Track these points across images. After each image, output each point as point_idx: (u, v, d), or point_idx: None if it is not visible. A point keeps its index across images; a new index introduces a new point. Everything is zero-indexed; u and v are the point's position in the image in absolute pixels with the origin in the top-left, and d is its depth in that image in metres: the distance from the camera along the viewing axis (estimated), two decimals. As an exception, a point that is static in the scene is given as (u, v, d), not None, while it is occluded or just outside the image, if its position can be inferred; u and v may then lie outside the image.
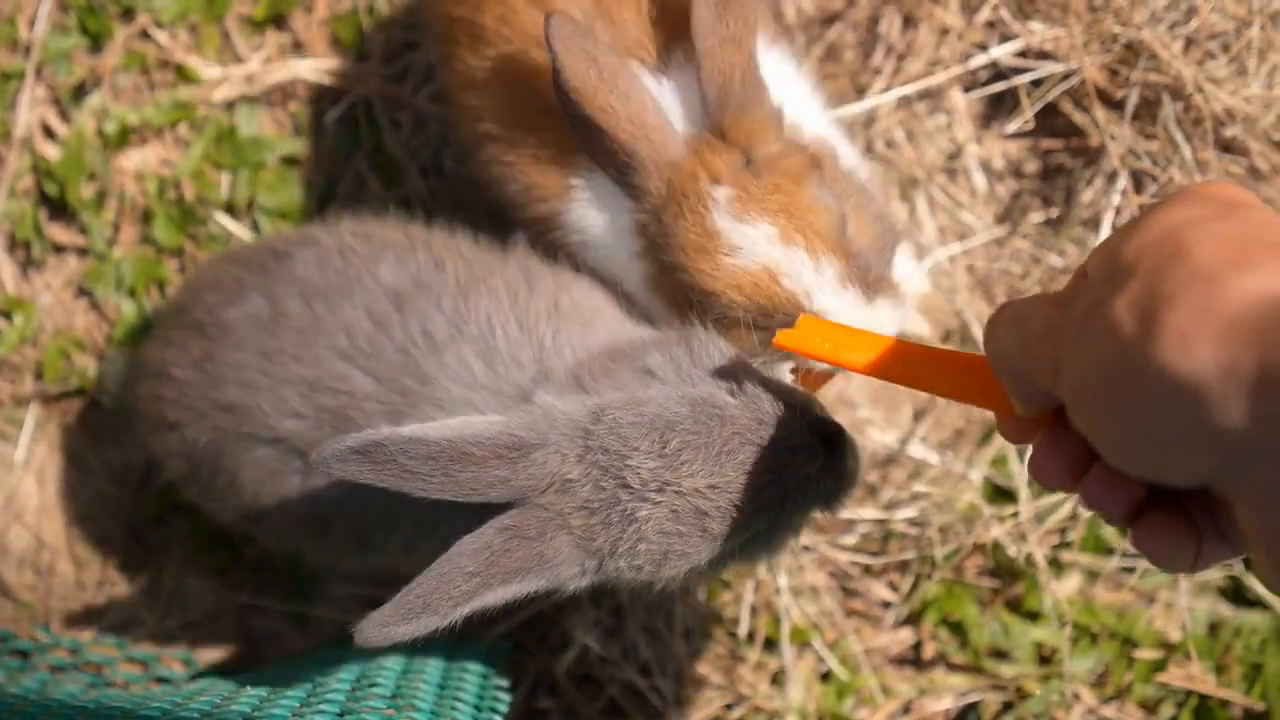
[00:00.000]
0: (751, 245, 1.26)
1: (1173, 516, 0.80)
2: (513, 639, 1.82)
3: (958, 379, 0.95)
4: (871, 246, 1.31)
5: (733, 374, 1.14)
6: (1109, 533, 1.77)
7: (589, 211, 1.40)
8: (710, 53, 1.25)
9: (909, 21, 1.82)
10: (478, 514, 1.18)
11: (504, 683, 1.60)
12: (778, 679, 1.80)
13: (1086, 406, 0.73)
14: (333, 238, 1.42)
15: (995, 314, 0.86)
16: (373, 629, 1.08)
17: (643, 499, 1.09)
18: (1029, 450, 0.89)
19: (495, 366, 1.28)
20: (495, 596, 1.10)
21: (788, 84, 1.40)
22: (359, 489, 1.32)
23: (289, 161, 1.85)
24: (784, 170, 1.28)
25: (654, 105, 1.28)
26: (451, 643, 1.72)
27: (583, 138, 1.30)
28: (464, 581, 1.07)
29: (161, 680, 1.76)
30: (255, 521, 1.45)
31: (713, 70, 1.26)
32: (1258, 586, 1.78)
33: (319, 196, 1.85)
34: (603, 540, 1.11)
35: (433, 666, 1.58)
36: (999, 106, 1.83)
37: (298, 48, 1.86)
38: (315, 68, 1.84)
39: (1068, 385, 0.75)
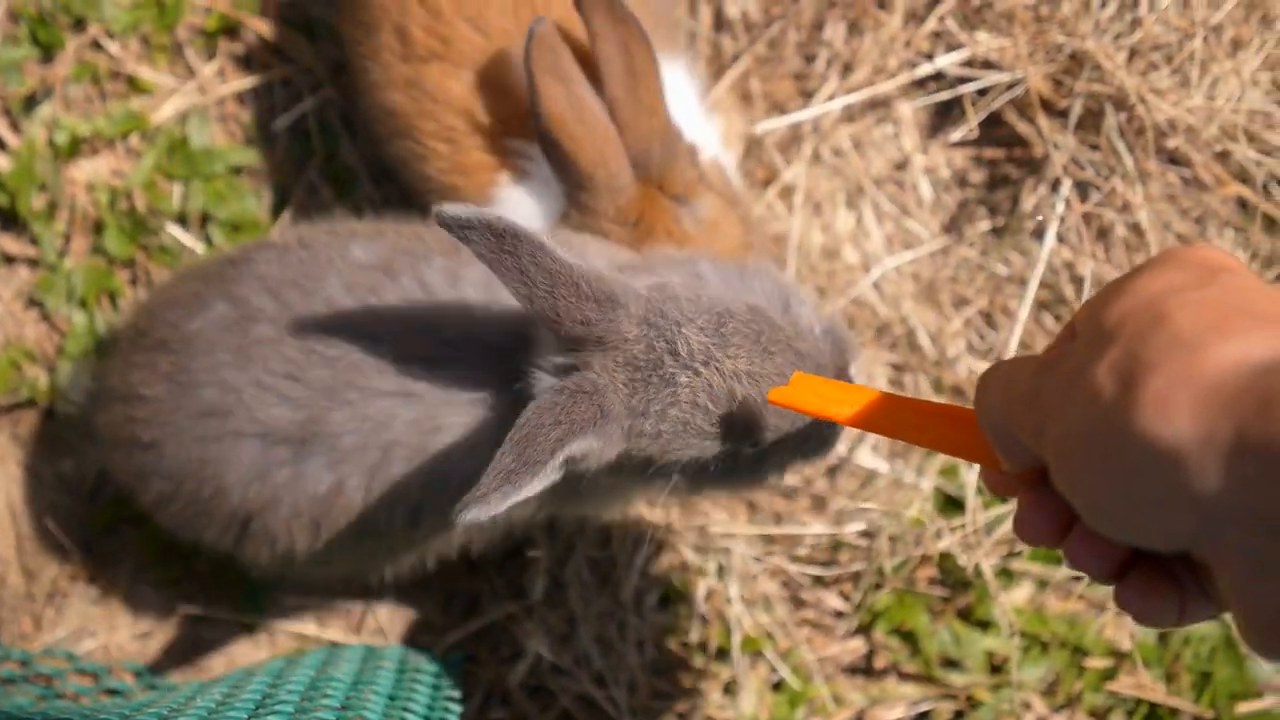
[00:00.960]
0: None
1: (1156, 575, 0.81)
2: (465, 650, 1.86)
3: (943, 432, 0.98)
4: None
5: (782, 296, 1.27)
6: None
7: (511, 215, 1.52)
8: (628, 124, 1.43)
9: (854, 29, 1.86)
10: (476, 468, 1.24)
11: (455, 693, 1.63)
12: (730, 688, 1.83)
13: (1067, 469, 0.75)
14: (288, 236, 1.47)
15: (985, 373, 0.89)
16: (474, 504, 1.09)
17: (686, 367, 1.18)
18: (992, 482, 0.93)
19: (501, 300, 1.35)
20: (578, 447, 1.14)
21: (684, 104, 1.57)
22: (349, 469, 1.36)
23: (241, 171, 1.89)
24: (728, 241, 1.54)
25: (614, 137, 1.44)
26: (403, 653, 1.75)
27: (547, 152, 1.45)
28: (551, 430, 1.13)
29: (112, 692, 1.78)
30: (243, 528, 1.46)
31: (633, 139, 1.44)
32: (1207, 594, 1.82)
33: (272, 206, 1.89)
34: (640, 398, 1.19)
35: (384, 677, 1.61)
36: (946, 116, 1.87)
37: (249, 58, 1.90)
38: (267, 77, 1.88)
39: (1050, 447, 0.77)
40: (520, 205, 1.54)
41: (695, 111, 1.62)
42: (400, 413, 1.34)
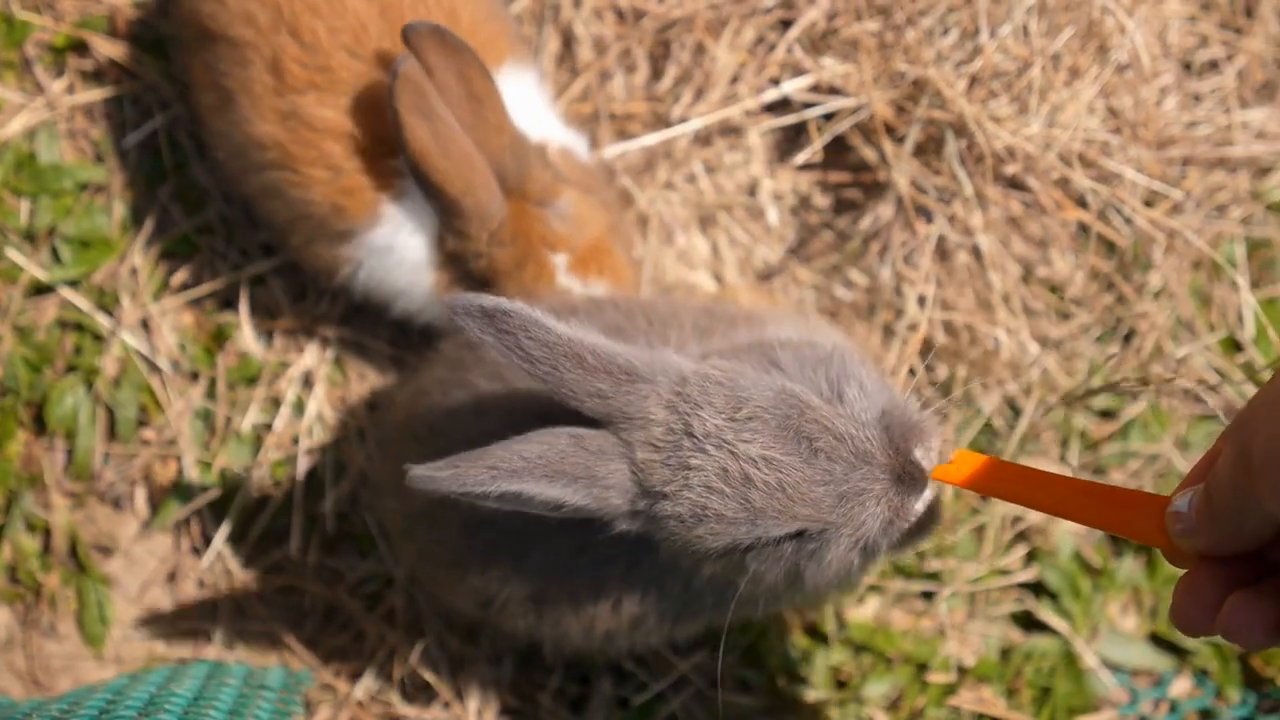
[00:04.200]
0: None
1: None
2: (314, 665, 1.95)
3: (1106, 511, 1.06)
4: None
5: (837, 383, 1.26)
6: (907, 558, 1.94)
7: (395, 231, 1.69)
8: (481, 144, 1.58)
9: (702, 55, 1.99)
10: None
11: (299, 709, 1.72)
12: (578, 705, 1.94)
13: (1274, 469, 0.86)
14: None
15: None
16: (421, 471, 1.20)
17: (700, 449, 1.22)
18: None
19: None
20: (536, 489, 1.21)
21: (530, 104, 1.73)
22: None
23: (91, 188, 1.98)
24: (595, 228, 1.70)
25: (480, 165, 1.58)
26: (248, 670, 1.85)
27: (418, 183, 1.60)
28: (515, 460, 1.20)
29: (-45, 710, 1.87)
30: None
31: (489, 156, 1.59)
32: (1047, 613, 1.96)
33: (122, 223, 1.98)
34: (658, 478, 1.24)
35: (226, 693, 1.70)
36: (794, 142, 2.00)
37: (99, 75, 2.00)
38: (116, 92, 1.97)
39: (1257, 458, 0.87)
40: (401, 222, 1.68)
41: (547, 120, 1.76)
42: None
